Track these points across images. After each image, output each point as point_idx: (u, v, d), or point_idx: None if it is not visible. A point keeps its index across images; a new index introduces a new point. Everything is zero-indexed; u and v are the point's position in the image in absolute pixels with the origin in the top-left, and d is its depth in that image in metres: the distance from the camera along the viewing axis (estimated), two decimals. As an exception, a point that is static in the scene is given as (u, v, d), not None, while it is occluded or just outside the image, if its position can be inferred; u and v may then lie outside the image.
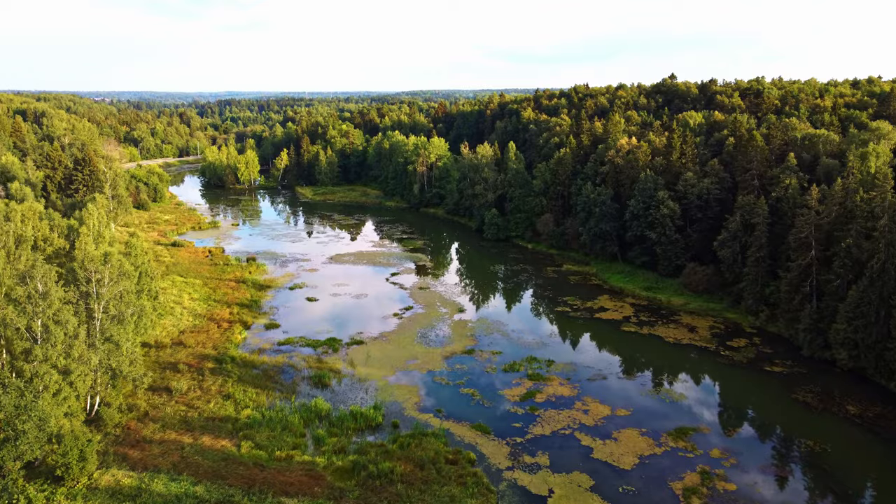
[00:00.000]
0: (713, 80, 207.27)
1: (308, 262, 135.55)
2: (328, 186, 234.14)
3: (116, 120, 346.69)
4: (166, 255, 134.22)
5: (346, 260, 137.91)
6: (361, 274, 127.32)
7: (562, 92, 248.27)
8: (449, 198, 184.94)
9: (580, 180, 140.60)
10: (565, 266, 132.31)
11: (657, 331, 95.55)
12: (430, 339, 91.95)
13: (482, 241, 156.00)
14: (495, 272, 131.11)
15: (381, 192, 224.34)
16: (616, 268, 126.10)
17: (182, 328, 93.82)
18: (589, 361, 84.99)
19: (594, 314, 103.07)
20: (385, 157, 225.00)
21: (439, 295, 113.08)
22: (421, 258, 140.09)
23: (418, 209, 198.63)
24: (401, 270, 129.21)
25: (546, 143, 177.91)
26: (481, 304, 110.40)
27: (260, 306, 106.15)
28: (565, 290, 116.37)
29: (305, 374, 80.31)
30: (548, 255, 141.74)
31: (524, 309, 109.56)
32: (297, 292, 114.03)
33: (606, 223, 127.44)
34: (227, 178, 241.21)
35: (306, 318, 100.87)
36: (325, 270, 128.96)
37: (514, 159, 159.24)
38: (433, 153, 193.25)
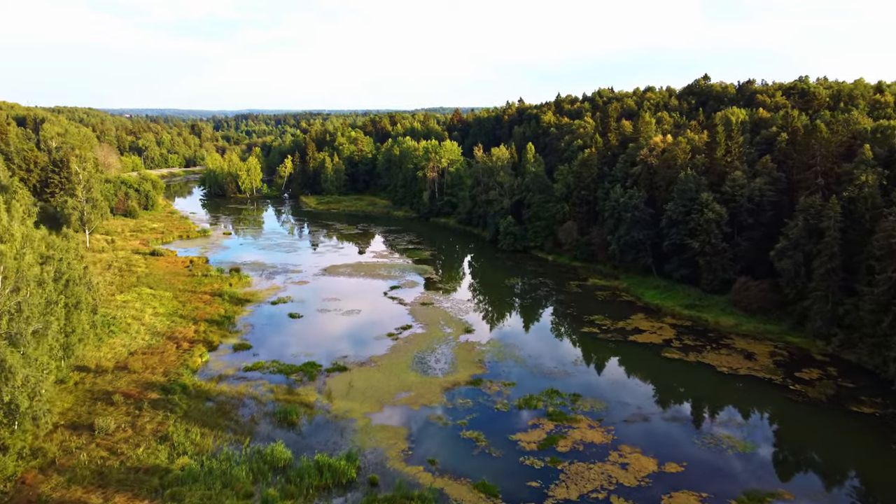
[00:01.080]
0: (751, 80, 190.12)
1: (299, 273, 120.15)
2: (334, 195, 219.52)
3: (123, 130, 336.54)
4: (141, 265, 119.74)
5: (342, 272, 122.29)
6: (357, 287, 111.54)
7: (584, 96, 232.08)
8: (461, 206, 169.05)
9: (607, 183, 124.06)
10: (591, 280, 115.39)
11: (706, 358, 78.31)
12: (428, 365, 75.61)
13: (497, 253, 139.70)
14: (510, 287, 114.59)
15: (390, 201, 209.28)
16: (651, 282, 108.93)
17: (134, 349, 78.52)
18: (625, 396, 68.00)
19: (628, 336, 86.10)
20: (395, 164, 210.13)
21: (444, 312, 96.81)
22: (427, 270, 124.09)
23: (428, 219, 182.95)
24: (402, 284, 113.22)
25: (568, 147, 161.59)
26: (493, 324, 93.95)
27: (233, 323, 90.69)
28: (592, 307, 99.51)
29: (269, 408, 64.31)
30: (570, 268, 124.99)
31: (544, 330, 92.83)
32: (279, 307, 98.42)
33: (639, 231, 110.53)
34: (228, 186, 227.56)
35: (284, 338, 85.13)
36: (316, 283, 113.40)
37: (533, 161, 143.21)
38: (445, 157, 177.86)
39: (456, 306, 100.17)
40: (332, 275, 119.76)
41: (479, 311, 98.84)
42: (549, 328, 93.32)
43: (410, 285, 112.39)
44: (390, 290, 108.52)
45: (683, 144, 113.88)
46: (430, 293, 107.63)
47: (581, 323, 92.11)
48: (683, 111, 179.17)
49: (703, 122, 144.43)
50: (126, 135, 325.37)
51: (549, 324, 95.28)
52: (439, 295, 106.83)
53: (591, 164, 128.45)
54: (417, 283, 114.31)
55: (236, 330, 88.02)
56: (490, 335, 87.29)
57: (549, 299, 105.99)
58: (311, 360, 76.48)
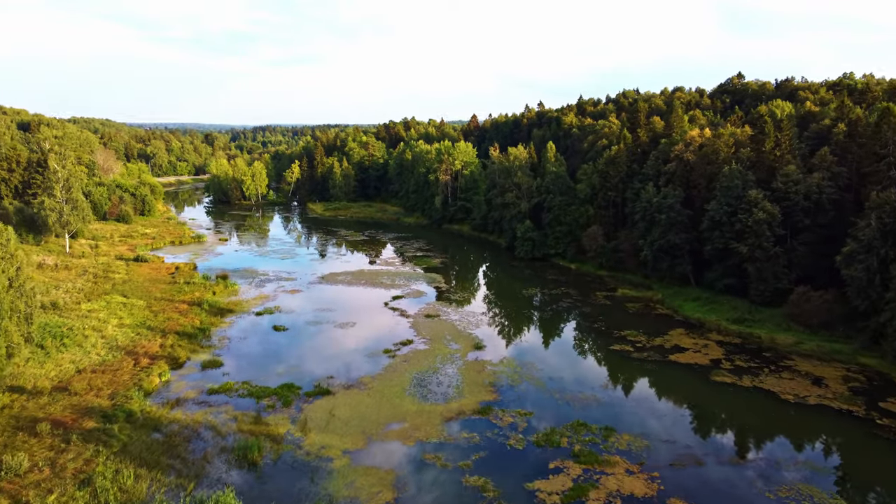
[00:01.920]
0: (789, 78, 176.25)
1: (293, 281, 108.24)
2: (342, 202, 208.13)
3: (133, 138, 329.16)
4: (121, 272, 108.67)
5: (341, 279, 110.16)
6: (355, 297, 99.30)
7: (608, 98, 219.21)
8: (476, 211, 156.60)
9: (637, 182, 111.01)
10: (620, 290, 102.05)
11: (765, 383, 64.75)
12: (428, 389, 62.91)
13: (513, 261, 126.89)
14: (528, 298, 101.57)
15: (401, 208, 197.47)
16: (689, 293, 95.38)
17: (84, 365, 66.75)
18: (670, 431, 54.73)
19: (667, 356, 72.76)
20: (407, 169, 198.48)
21: (452, 326, 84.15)
22: (435, 279, 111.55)
23: (440, 225, 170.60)
24: (407, 293, 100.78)
25: (592, 147, 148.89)
26: (507, 339, 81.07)
27: (208, 336, 78.79)
28: (623, 321, 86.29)
29: (229, 441, 51.99)
30: (596, 277, 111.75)
31: (566, 347, 79.71)
32: (263, 319, 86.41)
33: (675, 234, 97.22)
34: (233, 192, 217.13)
35: (263, 355, 72.98)
36: (310, 292, 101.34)
37: (554, 161, 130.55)
38: (458, 159, 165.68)
39: (465, 319, 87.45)
40: (329, 283, 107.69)
41: (491, 325, 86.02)
42: (574, 345, 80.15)
43: (415, 295, 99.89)
44: (392, 301, 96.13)
45: (726, 137, 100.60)
46: (438, 304, 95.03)
47: (611, 339, 78.93)
48: (717, 110, 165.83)
49: (741, 118, 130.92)
50: (135, 142, 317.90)
51: (574, 340, 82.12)
52: (447, 306, 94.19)
53: (618, 161, 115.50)
54: (424, 292, 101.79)
55: (209, 344, 76.04)
56: (504, 353, 74.42)
57: (573, 312, 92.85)
58: (289, 382, 64.15)
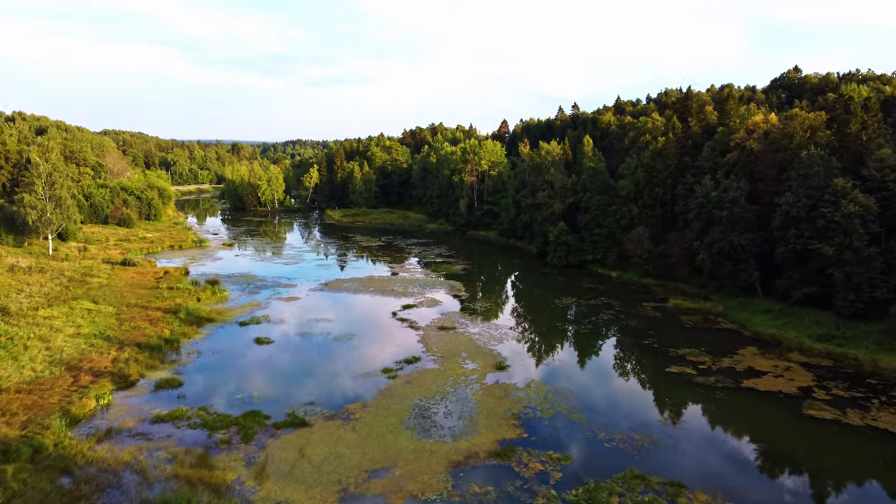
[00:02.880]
0: (853, 71, 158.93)
1: (292, 288, 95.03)
2: (362, 208, 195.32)
3: (155, 147, 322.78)
4: (102, 276, 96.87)
5: (347, 287, 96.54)
6: (359, 305, 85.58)
7: (649, 97, 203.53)
8: (504, 215, 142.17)
9: (690, 177, 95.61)
10: (671, 301, 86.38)
11: (880, 419, 48.87)
12: (433, 420, 48.47)
13: (545, 268, 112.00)
14: (562, 309, 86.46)
15: (424, 215, 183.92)
16: (757, 304, 79.40)
17: (10, 383, 53.94)
18: (762, 489, 39.28)
19: (740, 381, 57.20)
20: (431, 173, 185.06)
21: (469, 340, 69.67)
22: (454, 287, 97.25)
23: (465, 231, 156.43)
24: (420, 302, 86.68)
25: (633, 144, 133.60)
26: (537, 358, 66.17)
27: (176, 349, 65.64)
28: (678, 338, 70.81)
29: (154, 492, 38.23)
30: (641, 287, 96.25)
31: (611, 368, 64.45)
32: (247, 329, 73.03)
33: (739, 234, 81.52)
34: (248, 198, 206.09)
35: (234, 373, 59.39)
36: (308, 300, 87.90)
37: (591, 155, 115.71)
38: (485, 159, 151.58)
39: (487, 332, 72.89)
40: (332, 290, 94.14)
41: (517, 340, 71.26)
42: (620, 366, 64.84)
43: (430, 304, 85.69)
44: (402, 311, 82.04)
45: (800, 118, 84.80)
46: (455, 315, 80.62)
47: (666, 359, 63.55)
48: (773, 105, 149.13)
49: (807, 107, 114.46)
50: (158, 151, 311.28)
51: (619, 360, 66.76)
52: (466, 317, 79.70)
53: (667, 154, 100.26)
54: (440, 301, 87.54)
55: (173, 359, 62.78)
56: (532, 375, 59.63)
57: (616, 326, 77.53)
58: (256, 410, 50.34)
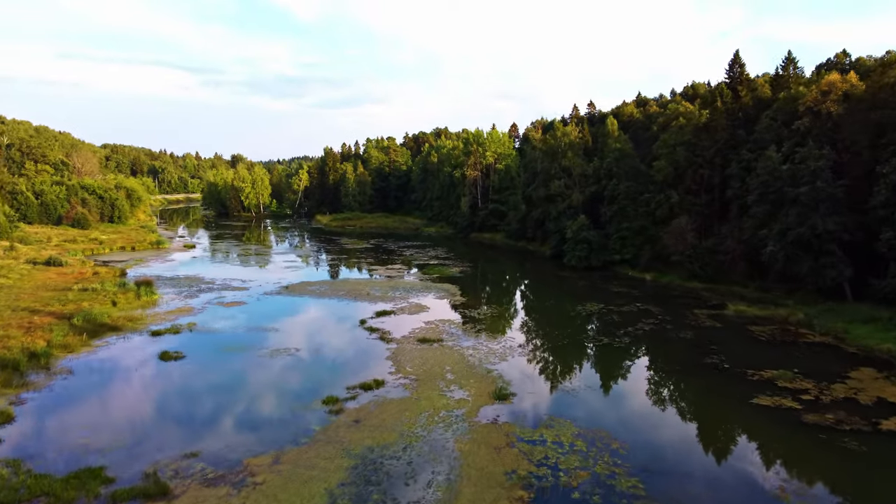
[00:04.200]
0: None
1: (242, 291, 75.54)
2: (355, 212, 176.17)
3: (146, 155, 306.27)
4: (12, 276, 78.29)
5: (311, 290, 76.88)
6: (320, 312, 65.79)
7: (674, 92, 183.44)
8: (512, 215, 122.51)
9: (747, 152, 75.65)
10: (732, 307, 65.74)
11: None
12: (382, 490, 28.15)
13: (562, 271, 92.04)
14: (586, 318, 65.87)
15: (424, 220, 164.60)
16: (853, 311, 58.75)
17: None
18: None
19: (875, 420, 36.66)
20: (432, 173, 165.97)
21: (459, 356, 49.54)
22: (448, 291, 77.37)
23: (468, 234, 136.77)
24: (399, 308, 66.75)
25: (664, 129, 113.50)
26: (552, 383, 45.61)
27: (45, 366, 46.03)
28: (755, 355, 50.32)
29: None
30: (686, 291, 75.94)
31: (664, 399, 43.79)
32: (157, 341, 53.30)
33: (825, 217, 61.20)
34: (231, 203, 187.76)
35: (98, 405, 39.68)
36: (256, 305, 68.28)
37: (617, 136, 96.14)
38: (490, 150, 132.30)
39: (484, 347, 52.78)
40: (292, 294, 74.51)
41: (526, 357, 50.99)
42: (680, 396, 44.25)
43: (413, 311, 65.75)
44: (374, 318, 62.13)
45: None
46: (444, 324, 60.56)
47: (748, 385, 43.10)
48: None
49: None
50: (149, 159, 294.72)
51: (677, 386, 46.08)
52: (458, 327, 59.63)
53: (715, 127, 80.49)
54: (426, 307, 67.60)
55: (28, 381, 43.14)
56: (548, 409, 39.38)
57: (663, 338, 56.99)
58: (100, 465, 30.49)
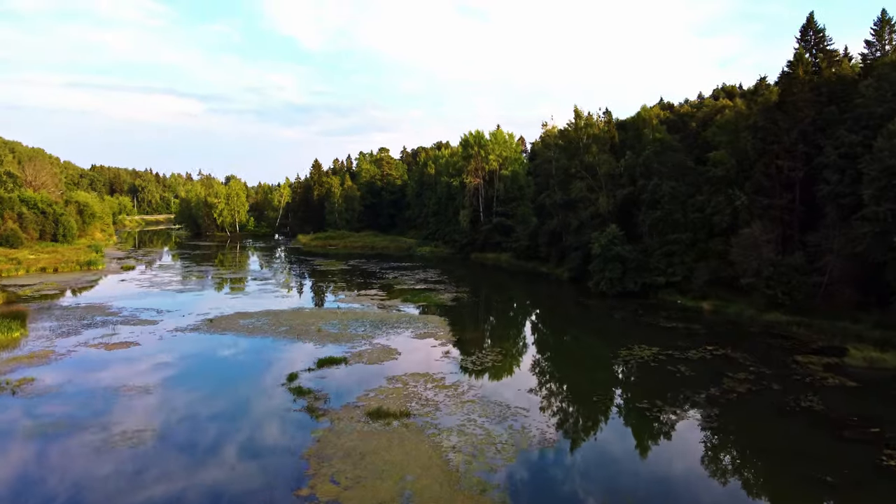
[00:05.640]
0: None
1: (149, 326, 54.30)
2: (341, 231, 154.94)
3: (130, 175, 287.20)
4: None
5: (241, 326, 55.29)
6: (240, 358, 44.27)
7: (701, 95, 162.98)
8: (520, 229, 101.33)
9: (846, 133, 54.45)
10: (856, 353, 43.68)
11: None
12: None
13: (587, 298, 70.46)
14: (633, 370, 43.81)
15: (418, 238, 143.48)
16: None
17: None
18: None
19: None
20: (429, 186, 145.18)
21: (431, 450, 27.85)
22: (432, 326, 55.70)
23: (468, 254, 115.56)
24: (355, 353, 45.16)
25: (705, 125, 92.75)
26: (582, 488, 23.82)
27: None
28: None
29: None
30: (768, 326, 54.07)
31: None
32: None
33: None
34: (203, 221, 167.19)
35: None
36: (153, 348, 46.86)
37: (656, 126, 75.43)
38: (494, 153, 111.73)
39: (477, 430, 31.06)
40: (213, 331, 53.07)
41: (549, 454, 29.12)
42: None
43: (375, 358, 44.14)
44: (313, 371, 40.62)
45: None
46: (417, 381, 38.93)
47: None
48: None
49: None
50: (130, 178, 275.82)
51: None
52: (439, 387, 37.93)
53: (796, 101, 59.38)
54: (397, 352, 45.98)
55: None
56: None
57: (775, 410, 34.88)
58: None
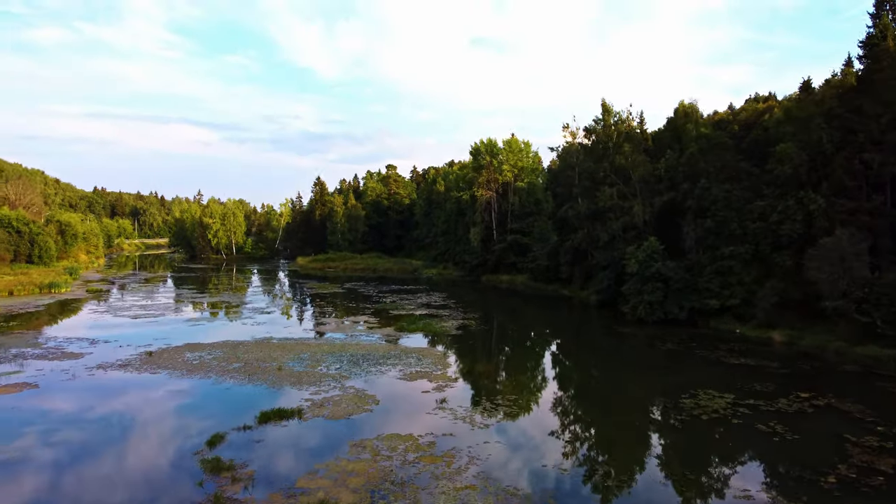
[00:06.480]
0: None
1: (70, 360, 42.78)
2: (343, 252, 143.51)
3: (132, 198, 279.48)
4: None
5: (187, 360, 43.57)
6: (158, 410, 32.33)
7: (732, 108, 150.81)
8: (538, 247, 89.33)
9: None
10: None
11: None
12: None
13: (621, 326, 58.05)
14: (694, 422, 31.41)
15: (426, 260, 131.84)
16: None
17: None
18: None
19: None
20: (437, 205, 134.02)
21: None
22: (428, 362, 43.55)
23: (479, 276, 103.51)
24: (317, 401, 33.15)
25: (749, 128, 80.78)
26: None
27: None
28: None
29: None
30: (869, 364, 41.37)
31: None
32: None
33: None
34: (198, 242, 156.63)
35: None
36: (52, 393, 35.22)
37: (702, 121, 63.67)
38: (509, 161, 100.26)
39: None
40: (147, 368, 41.29)
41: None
42: None
43: (341, 408, 32.04)
44: (249, 431, 28.65)
45: None
46: (395, 448, 26.83)
47: None
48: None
49: None
50: (132, 200, 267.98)
51: None
52: (427, 458, 25.76)
53: (885, 82, 47.38)
54: (373, 400, 33.87)
55: None
56: None
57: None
58: None
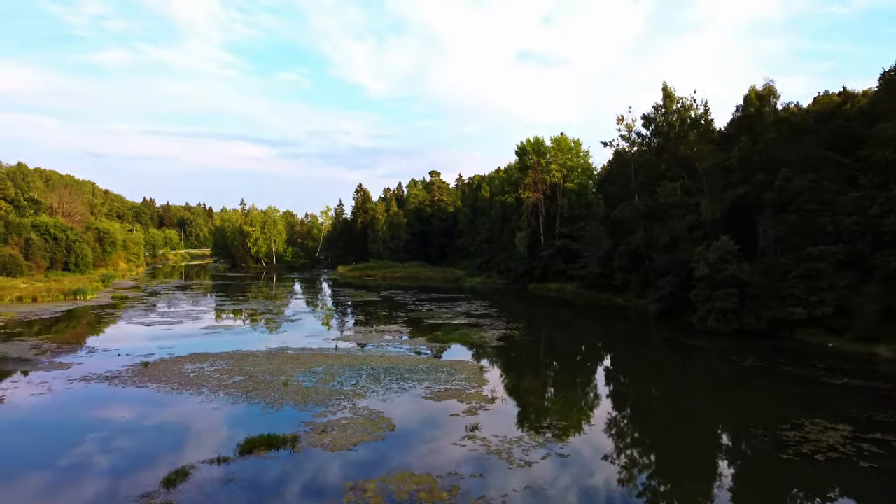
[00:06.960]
0: None
1: (57, 371, 37.84)
2: (384, 261, 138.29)
3: (181, 209, 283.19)
4: None
5: (186, 371, 38.19)
6: (131, 442, 26.65)
7: (809, 108, 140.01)
8: (589, 253, 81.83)
9: None
10: None
11: None
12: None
13: (689, 338, 50.26)
14: (809, 464, 24.02)
15: (469, 269, 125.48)
16: None
17: None
18: None
19: None
20: (483, 211, 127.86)
21: None
22: (456, 374, 37.00)
23: (525, 285, 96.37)
24: (321, 426, 27.05)
25: (830, 118, 71.80)
26: None
27: None
28: None
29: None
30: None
31: None
32: None
33: None
34: (237, 251, 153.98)
35: None
36: (23, 404, 30.05)
37: (780, 110, 55.61)
38: (557, 160, 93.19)
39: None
40: (133, 381, 35.91)
41: None
42: None
43: (344, 439, 25.84)
44: (223, 462, 22.62)
45: None
46: (409, 485, 20.45)
47: None
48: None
49: None
50: (180, 211, 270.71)
51: None
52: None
53: None
54: (389, 424, 27.65)
55: None
56: None
57: None
58: None
